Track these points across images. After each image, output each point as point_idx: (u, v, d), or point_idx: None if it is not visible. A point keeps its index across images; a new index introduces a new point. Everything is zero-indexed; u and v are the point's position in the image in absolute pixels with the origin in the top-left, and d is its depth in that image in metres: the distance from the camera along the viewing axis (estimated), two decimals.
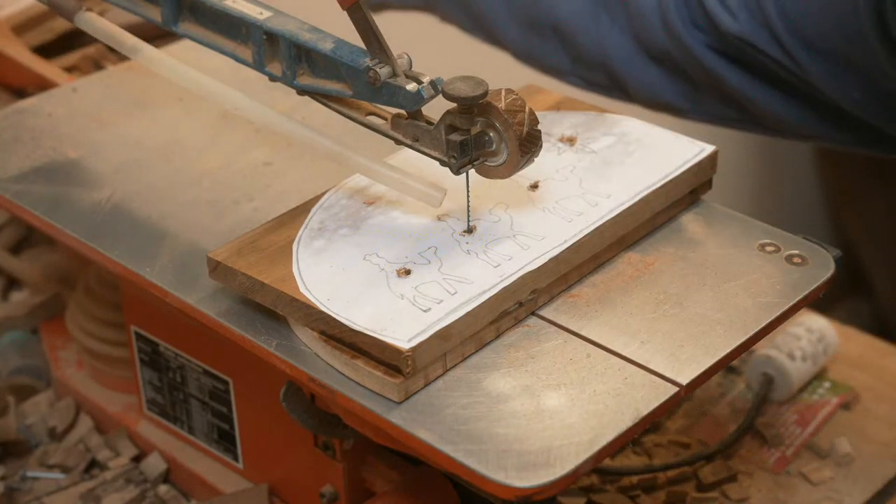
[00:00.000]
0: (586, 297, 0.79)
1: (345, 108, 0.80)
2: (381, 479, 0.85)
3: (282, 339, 0.76)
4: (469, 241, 0.79)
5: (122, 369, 1.00)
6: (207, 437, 0.94)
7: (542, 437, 0.69)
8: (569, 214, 0.80)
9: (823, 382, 1.05)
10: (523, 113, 0.75)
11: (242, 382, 0.89)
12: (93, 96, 1.02)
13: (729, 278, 0.80)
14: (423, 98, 0.75)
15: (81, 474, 0.98)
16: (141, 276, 0.82)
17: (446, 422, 0.70)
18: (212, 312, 0.79)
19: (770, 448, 0.98)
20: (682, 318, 0.77)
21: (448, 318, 0.72)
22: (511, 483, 0.66)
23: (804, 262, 0.81)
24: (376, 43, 0.75)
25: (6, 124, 0.98)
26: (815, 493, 0.95)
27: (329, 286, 0.75)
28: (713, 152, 0.86)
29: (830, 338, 1.05)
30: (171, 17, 0.84)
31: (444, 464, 0.69)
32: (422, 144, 0.78)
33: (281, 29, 0.79)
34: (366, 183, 0.84)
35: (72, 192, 0.90)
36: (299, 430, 0.82)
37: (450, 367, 0.74)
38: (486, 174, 0.78)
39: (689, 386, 0.73)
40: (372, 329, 0.72)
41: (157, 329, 0.93)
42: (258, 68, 0.81)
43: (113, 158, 0.94)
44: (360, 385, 0.73)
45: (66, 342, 1.06)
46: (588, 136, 0.88)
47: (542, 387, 0.72)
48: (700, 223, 0.85)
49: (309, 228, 0.80)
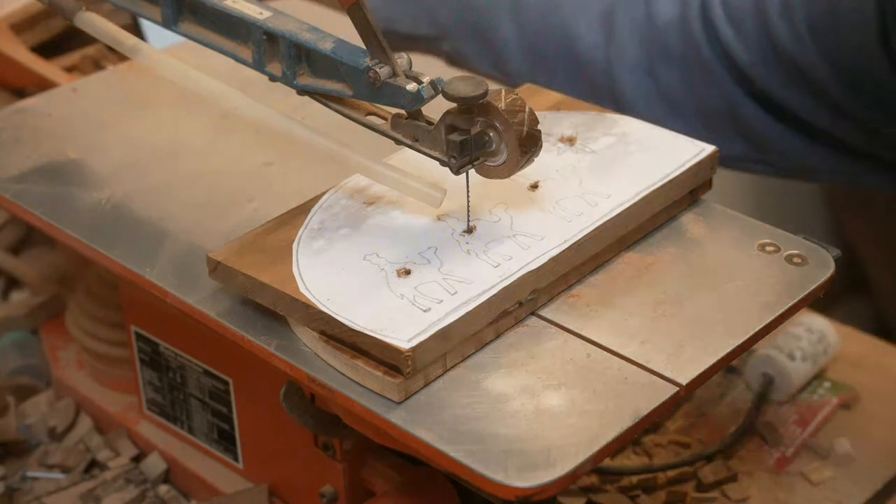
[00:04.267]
0: (586, 297, 0.79)
1: (345, 108, 0.80)
2: (381, 479, 0.85)
3: (282, 339, 0.76)
4: (469, 241, 0.79)
5: (122, 369, 1.00)
6: (207, 437, 0.94)
7: (542, 437, 0.69)
8: (569, 214, 0.80)
9: (823, 382, 1.05)
10: (523, 113, 0.75)
11: (242, 382, 0.89)
12: (93, 96, 1.02)
13: (729, 278, 0.80)
14: (423, 98, 0.75)
15: (81, 474, 0.98)
16: (141, 276, 0.82)
17: (446, 422, 0.70)
18: (212, 312, 0.79)
19: (770, 448, 0.98)
20: (682, 318, 0.77)
21: (448, 318, 0.72)
22: (511, 483, 0.66)
23: (804, 262, 0.81)
24: (376, 43, 0.75)
25: (6, 124, 0.98)
26: (815, 493, 0.95)
27: (329, 286, 0.75)
28: (713, 152, 0.86)
29: (830, 338, 1.05)
30: (171, 17, 0.84)
31: (444, 464, 0.69)
32: (422, 144, 0.78)
33: (281, 29, 0.79)
34: (366, 183, 0.84)
35: (72, 192, 0.90)
36: (299, 430, 0.82)
37: (450, 367, 0.74)
38: (486, 174, 0.78)
39: (689, 386, 0.73)
40: (372, 329, 0.72)
41: (157, 329, 0.93)
42: (258, 68, 0.81)
43: (113, 158, 0.94)
44: (360, 385, 0.73)
45: (66, 342, 1.06)
46: (588, 136, 0.88)
47: (542, 387, 0.72)
48: (700, 223, 0.85)
49: (309, 228, 0.80)
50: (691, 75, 1.05)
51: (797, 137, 1.03)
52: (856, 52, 0.96)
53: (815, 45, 0.98)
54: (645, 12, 1.06)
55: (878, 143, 1.01)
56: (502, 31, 1.12)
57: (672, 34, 1.05)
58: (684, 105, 1.05)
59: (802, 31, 0.98)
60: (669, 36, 1.05)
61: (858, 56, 0.96)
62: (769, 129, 1.03)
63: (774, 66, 1.01)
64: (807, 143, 1.04)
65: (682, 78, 1.05)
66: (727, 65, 1.03)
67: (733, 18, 1.02)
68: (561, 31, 1.09)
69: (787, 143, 1.04)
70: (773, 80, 1.01)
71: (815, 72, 0.99)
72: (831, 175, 1.09)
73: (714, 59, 1.03)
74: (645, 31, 1.06)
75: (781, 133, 1.04)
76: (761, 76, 1.01)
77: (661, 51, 1.06)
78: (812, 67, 0.99)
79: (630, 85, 1.06)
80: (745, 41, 1.01)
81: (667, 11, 1.05)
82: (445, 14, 1.14)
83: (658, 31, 1.06)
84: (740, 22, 1.02)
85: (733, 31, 1.02)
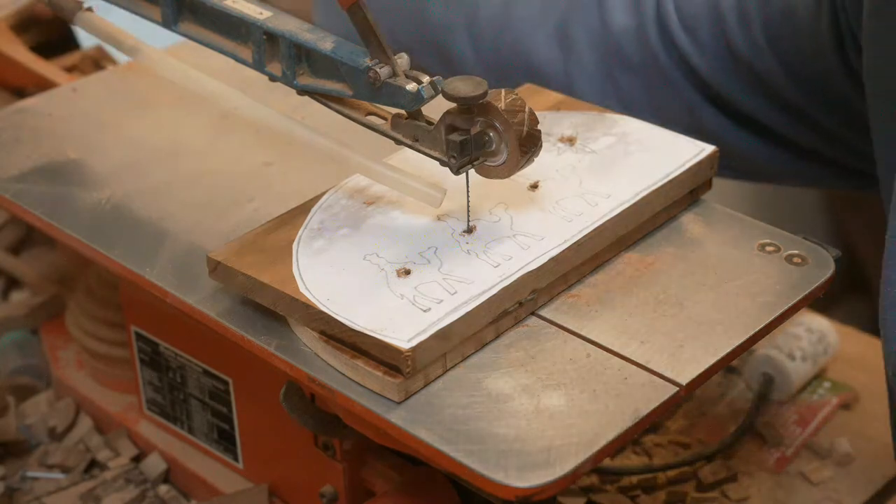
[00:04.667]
0: (586, 297, 0.79)
1: (345, 108, 0.80)
2: (381, 479, 0.85)
3: (282, 339, 0.76)
4: (469, 241, 0.79)
5: (122, 369, 1.00)
6: (207, 437, 0.94)
7: (542, 437, 0.69)
8: (569, 214, 0.80)
9: (823, 382, 1.05)
10: (523, 113, 0.75)
11: (242, 382, 0.89)
12: (93, 96, 1.02)
13: (729, 278, 0.80)
14: (423, 98, 0.75)
15: (81, 474, 0.98)
16: (141, 276, 0.82)
17: (446, 422, 0.70)
18: (212, 312, 0.79)
19: (770, 448, 0.98)
20: (682, 318, 0.77)
21: (448, 318, 0.72)
22: (511, 483, 0.66)
23: (804, 262, 0.81)
24: (376, 43, 0.75)
25: (6, 124, 0.98)
26: (815, 493, 0.95)
27: (329, 286, 0.75)
28: (713, 152, 0.86)
29: (830, 338, 1.05)
30: (171, 17, 0.84)
31: (444, 464, 0.69)
32: (422, 144, 0.78)
33: (281, 29, 0.79)
34: (366, 183, 0.84)
35: (72, 192, 0.90)
36: (299, 430, 0.82)
37: (450, 367, 0.74)
38: (486, 174, 0.78)
39: (689, 386, 0.73)
40: (372, 329, 0.72)
41: (157, 329, 0.93)
42: (258, 68, 0.81)
43: (113, 158, 0.94)
44: (360, 385, 0.73)
45: (66, 342, 1.06)
46: (588, 136, 0.88)
47: (542, 387, 0.72)
48: (700, 223, 0.85)
49: (309, 228, 0.80)
50: (650, 82, 1.05)
51: (757, 142, 1.04)
52: (812, 58, 0.97)
53: (771, 52, 0.99)
54: (599, 21, 1.06)
55: (839, 147, 1.02)
56: (459, 46, 1.12)
57: (628, 42, 1.05)
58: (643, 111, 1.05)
59: (759, 38, 0.99)
60: (626, 44, 1.05)
61: (815, 62, 0.97)
62: (729, 134, 1.04)
63: (733, 72, 1.01)
64: (767, 147, 1.04)
65: (641, 85, 1.06)
66: (685, 71, 1.03)
67: (688, 26, 1.02)
68: (516, 45, 1.09)
69: (746, 147, 1.04)
70: (732, 86, 1.02)
71: (773, 78, 0.99)
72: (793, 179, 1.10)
73: (672, 66, 1.04)
74: (600, 40, 1.07)
75: (741, 138, 1.04)
76: (719, 82, 1.02)
77: (618, 58, 1.06)
78: (770, 73, 0.99)
79: (589, 94, 1.07)
80: (701, 48, 1.02)
81: (622, 20, 1.06)
82: (401, 31, 1.15)
83: (614, 38, 1.06)
84: (695, 30, 1.02)
85: (689, 38, 1.03)
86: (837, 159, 1.03)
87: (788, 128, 1.02)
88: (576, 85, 1.07)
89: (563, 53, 1.08)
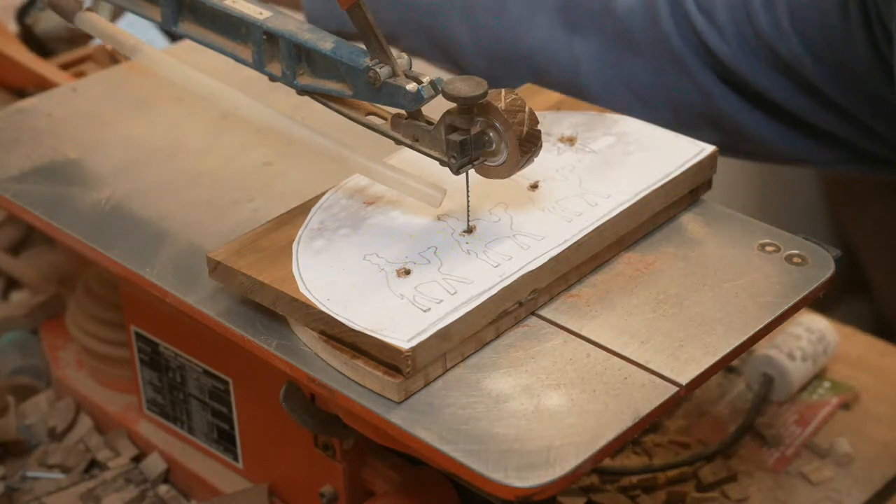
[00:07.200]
0: (586, 297, 0.79)
1: (345, 108, 0.80)
2: (381, 479, 0.85)
3: (282, 339, 0.76)
4: (469, 241, 0.79)
5: (122, 369, 1.00)
6: (207, 437, 0.94)
7: (542, 437, 0.69)
8: (569, 214, 0.80)
9: (823, 382, 1.05)
10: (523, 113, 0.75)
11: (242, 382, 0.89)
12: (93, 96, 1.02)
13: (729, 278, 0.80)
14: (423, 98, 0.75)
15: (81, 474, 0.98)
16: (141, 276, 0.82)
17: (446, 422, 0.70)
18: (212, 312, 0.79)
19: (770, 448, 0.98)
20: (682, 318, 0.77)
21: (448, 318, 0.72)
22: (511, 483, 0.66)
23: (804, 262, 0.81)
24: (376, 43, 0.75)
25: (6, 124, 0.98)
26: (815, 493, 0.95)
27: (329, 286, 0.75)
28: (713, 152, 0.86)
29: (830, 338, 1.05)
30: (171, 17, 0.84)
31: (444, 464, 0.69)
32: (422, 144, 0.78)
33: (281, 29, 0.79)
34: (366, 183, 0.84)
35: (72, 192, 0.90)
36: (299, 430, 0.82)
37: (450, 367, 0.74)
38: (486, 174, 0.78)
39: (689, 386, 0.73)
40: (372, 329, 0.72)
41: (157, 329, 0.93)
42: (258, 68, 0.81)
43: (113, 158, 0.94)
44: (360, 385, 0.73)
45: (66, 342, 1.06)
46: (588, 136, 0.88)
47: (542, 387, 0.72)
48: (700, 223, 0.85)
49: (309, 228, 0.80)
50: (661, 66, 1.04)
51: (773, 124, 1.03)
52: (839, 42, 0.96)
53: (797, 36, 0.98)
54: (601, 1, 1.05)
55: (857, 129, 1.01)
56: (454, 31, 1.11)
57: (635, 23, 1.04)
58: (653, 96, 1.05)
59: (784, 21, 0.98)
60: (632, 25, 1.04)
61: (841, 46, 0.96)
62: (746, 117, 1.03)
63: (752, 54, 1.00)
64: (783, 129, 1.03)
65: (651, 68, 1.05)
66: (701, 53, 1.02)
67: (705, 8, 1.01)
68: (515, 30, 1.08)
69: (761, 129, 1.03)
70: (751, 69, 1.01)
71: (798, 61, 0.98)
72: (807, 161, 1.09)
73: (685, 48, 1.03)
74: (603, 21, 1.05)
75: (756, 120, 1.03)
76: (738, 64, 1.01)
77: (624, 41, 1.05)
78: (794, 57, 0.98)
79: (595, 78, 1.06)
80: (719, 29, 1.01)
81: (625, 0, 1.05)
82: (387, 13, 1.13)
83: (619, 20, 1.04)
84: (712, 11, 1.01)
85: (706, 19, 1.01)
86: (854, 141, 1.02)
87: (807, 110, 1.01)
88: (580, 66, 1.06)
89: (565, 34, 1.07)
